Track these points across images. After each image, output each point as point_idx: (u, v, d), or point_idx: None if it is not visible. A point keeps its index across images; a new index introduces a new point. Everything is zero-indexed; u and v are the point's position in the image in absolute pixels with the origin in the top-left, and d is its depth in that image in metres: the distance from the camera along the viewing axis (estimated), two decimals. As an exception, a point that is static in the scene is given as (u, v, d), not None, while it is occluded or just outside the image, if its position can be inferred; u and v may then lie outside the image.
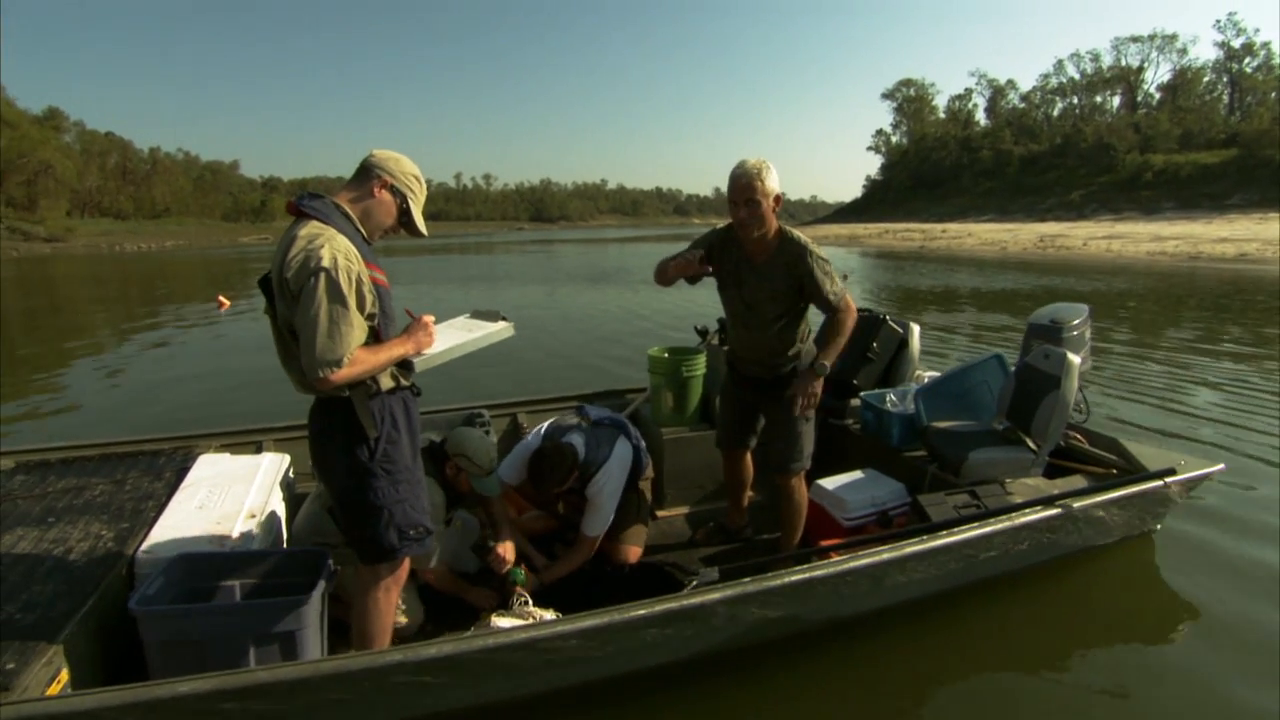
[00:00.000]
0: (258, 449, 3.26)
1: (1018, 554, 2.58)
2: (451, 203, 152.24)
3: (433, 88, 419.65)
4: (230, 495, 2.69)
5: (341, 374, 1.71)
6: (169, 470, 2.95)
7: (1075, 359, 2.91)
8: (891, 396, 3.57)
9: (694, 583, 2.52)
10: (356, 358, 1.74)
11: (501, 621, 2.33)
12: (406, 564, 2.01)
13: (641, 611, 1.87)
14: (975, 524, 2.39)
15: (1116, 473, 2.93)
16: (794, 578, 2.07)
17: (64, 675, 1.82)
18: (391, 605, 2.00)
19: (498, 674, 1.87)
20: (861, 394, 3.66)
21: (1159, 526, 3.06)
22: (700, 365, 3.62)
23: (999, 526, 2.40)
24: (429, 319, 2.01)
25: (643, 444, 3.05)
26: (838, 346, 2.57)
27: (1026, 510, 2.49)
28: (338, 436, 1.85)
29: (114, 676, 2.07)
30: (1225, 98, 64.44)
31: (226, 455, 3.07)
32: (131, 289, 21.12)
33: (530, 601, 2.50)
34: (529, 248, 45.87)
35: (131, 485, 2.83)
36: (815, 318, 2.72)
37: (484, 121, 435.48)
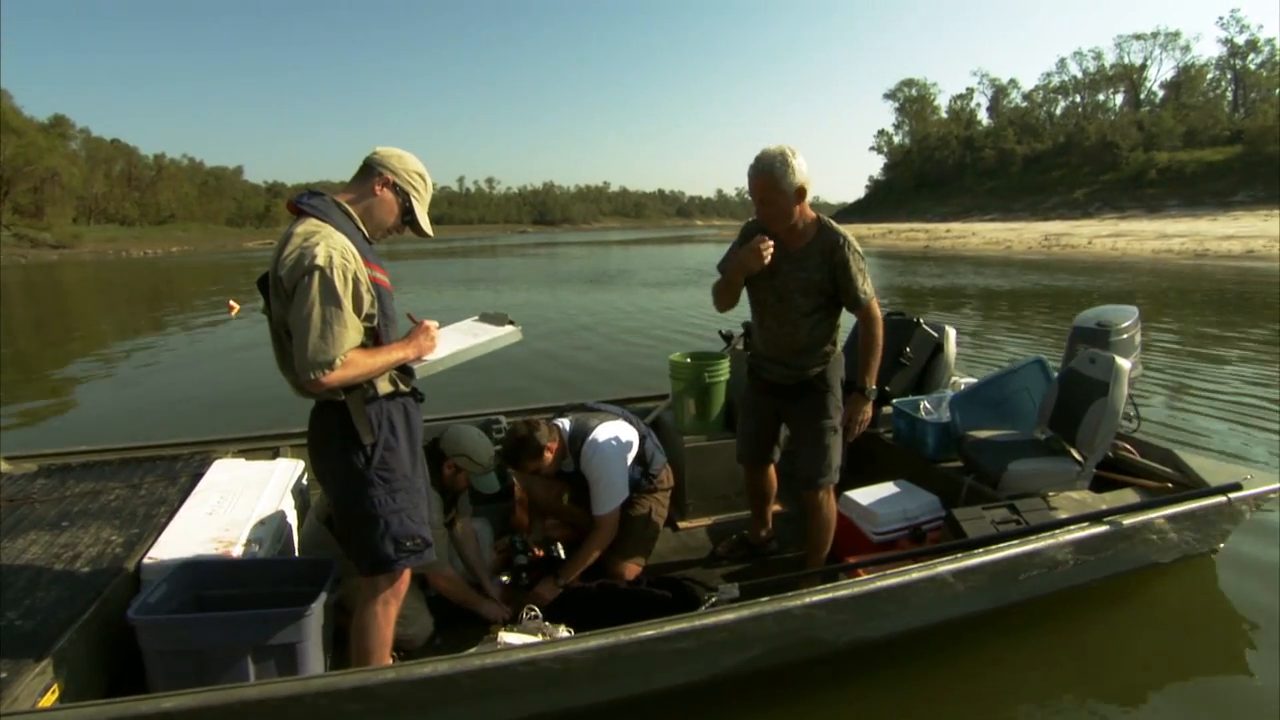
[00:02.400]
0: (274, 454, 3.23)
1: (1062, 574, 2.39)
2: (454, 206, 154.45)
3: (435, 91, 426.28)
4: (241, 502, 2.65)
5: (333, 376, 1.64)
6: (185, 475, 2.94)
7: (1125, 364, 2.71)
8: (925, 404, 3.40)
9: (712, 599, 2.40)
10: (350, 360, 1.67)
11: (510, 637, 2.24)
12: (407, 576, 1.93)
13: (650, 632, 1.76)
14: (1015, 541, 2.22)
15: (1172, 487, 2.71)
16: (816, 598, 1.93)
17: (58, 686, 1.78)
18: (390, 619, 1.92)
19: (497, 695, 1.78)
20: (894, 401, 3.49)
21: (1221, 546, 2.82)
22: (724, 370, 3.50)
23: (1041, 544, 2.22)
24: (431, 324, 1.93)
25: (654, 440, 2.95)
26: (876, 361, 2.45)
27: (1072, 527, 2.31)
28: (334, 442, 1.78)
29: (116, 686, 2.03)
30: (1229, 94, 63.97)
31: (242, 461, 3.05)
32: (141, 294, 21.56)
33: (541, 615, 2.40)
34: (532, 250, 46.35)
35: (147, 490, 2.82)
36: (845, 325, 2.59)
37: (486, 125, 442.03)
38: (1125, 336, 3.14)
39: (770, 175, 2.28)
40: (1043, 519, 2.42)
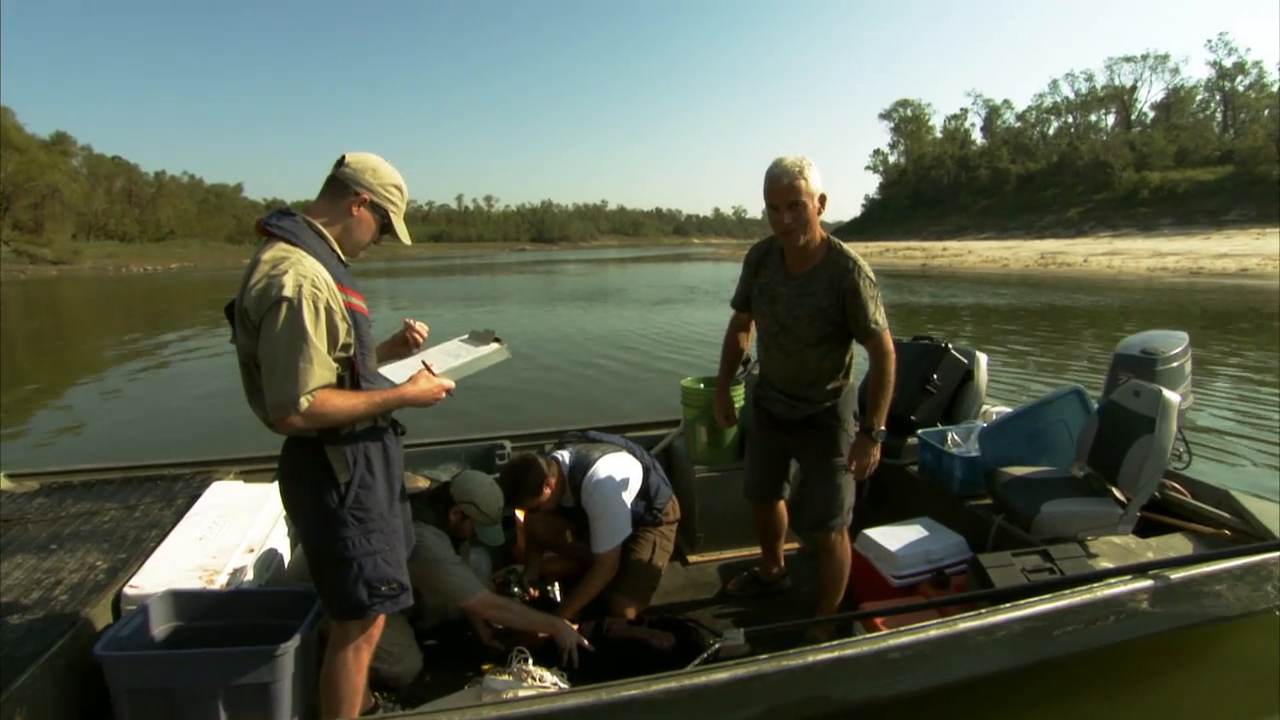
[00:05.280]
0: (275, 477, 3.16)
1: (1102, 630, 2.16)
2: (453, 224, 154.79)
3: (435, 109, 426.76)
4: (233, 527, 2.59)
5: (300, 417, 1.53)
6: (182, 497, 2.89)
7: (1174, 398, 2.48)
8: (953, 435, 3.19)
9: (716, 645, 2.24)
10: (323, 399, 1.55)
11: (496, 682, 2.10)
12: (380, 622, 1.81)
13: (634, 691, 1.61)
14: (1049, 596, 2.01)
15: (1230, 534, 2.46)
16: (821, 656, 1.76)
17: (18, 725, 1.70)
18: (362, 666, 1.80)
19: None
20: (919, 431, 3.28)
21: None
22: (739, 397, 3.34)
23: (1079, 600, 2.00)
24: (427, 374, 1.79)
25: (659, 472, 2.81)
26: (886, 400, 2.25)
27: (1114, 580, 2.08)
28: (305, 478, 1.68)
29: (85, 722, 1.96)
30: (1219, 115, 65.40)
31: (239, 483, 2.99)
32: (142, 311, 21.88)
33: (530, 659, 2.26)
34: (530, 268, 46.75)
35: (142, 512, 2.78)
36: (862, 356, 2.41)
37: (485, 143, 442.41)
38: (1174, 365, 2.90)
39: (795, 179, 2.12)
40: (1080, 569, 2.20)
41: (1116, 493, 2.58)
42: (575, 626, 2.42)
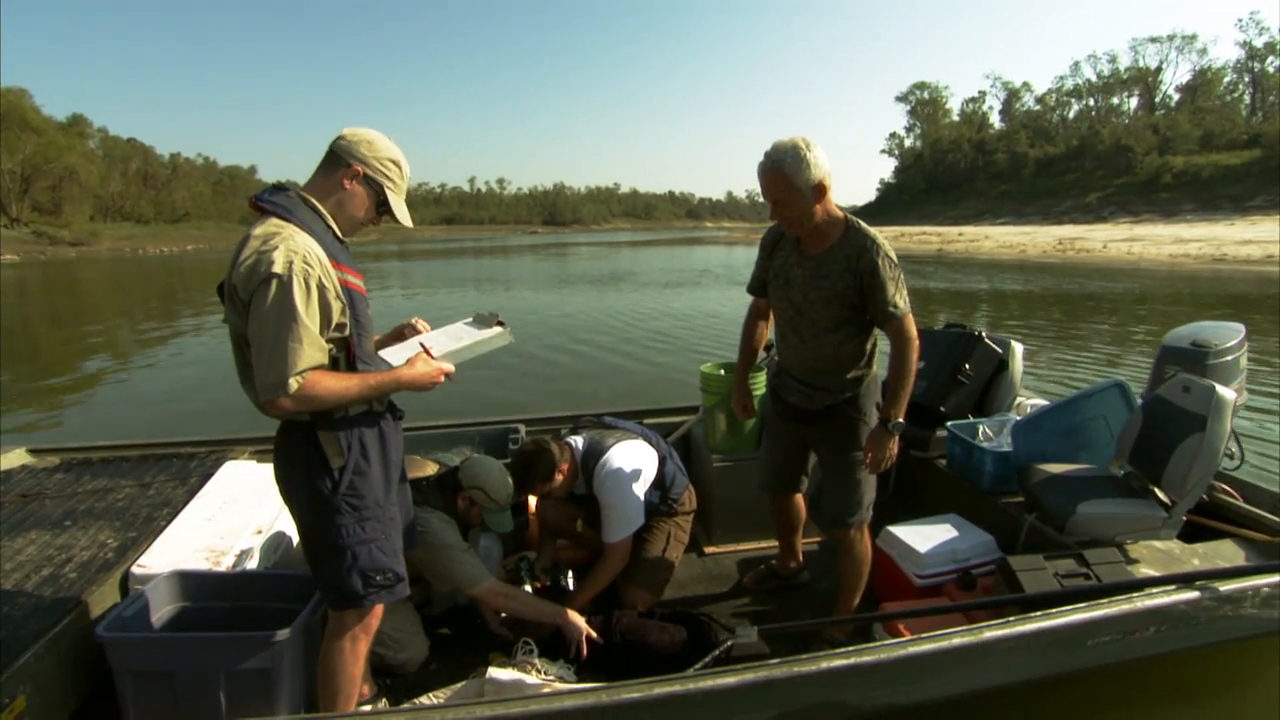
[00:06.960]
0: (288, 457, 3.15)
1: (1142, 641, 2.03)
2: (465, 206, 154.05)
3: (448, 92, 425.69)
4: (242, 508, 2.58)
5: (290, 400, 1.47)
6: (196, 476, 2.89)
7: (1229, 394, 2.30)
8: (985, 428, 3.04)
9: (728, 642, 2.16)
10: (313, 381, 1.48)
11: (501, 673, 2.05)
12: (378, 612, 1.76)
13: (636, 694, 1.53)
14: (1084, 604, 1.88)
15: (1284, 542, 2.30)
16: (836, 662, 1.66)
17: (20, 703, 1.69)
18: (359, 656, 1.76)
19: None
20: (949, 423, 3.14)
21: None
22: (760, 383, 3.23)
23: (1117, 610, 1.87)
24: (425, 357, 1.70)
25: (676, 461, 2.73)
26: (906, 390, 2.10)
27: (1156, 590, 1.94)
28: (298, 463, 1.62)
29: (91, 704, 1.96)
30: (1247, 98, 63.08)
31: (252, 463, 2.98)
32: (158, 291, 22.11)
33: (536, 650, 2.21)
34: (542, 251, 46.71)
35: (155, 490, 2.78)
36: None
37: (498, 126, 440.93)
38: (1228, 359, 2.71)
39: (781, 172, 1.98)
40: (1119, 575, 2.06)
41: (1160, 494, 2.42)
42: (585, 618, 2.36)
